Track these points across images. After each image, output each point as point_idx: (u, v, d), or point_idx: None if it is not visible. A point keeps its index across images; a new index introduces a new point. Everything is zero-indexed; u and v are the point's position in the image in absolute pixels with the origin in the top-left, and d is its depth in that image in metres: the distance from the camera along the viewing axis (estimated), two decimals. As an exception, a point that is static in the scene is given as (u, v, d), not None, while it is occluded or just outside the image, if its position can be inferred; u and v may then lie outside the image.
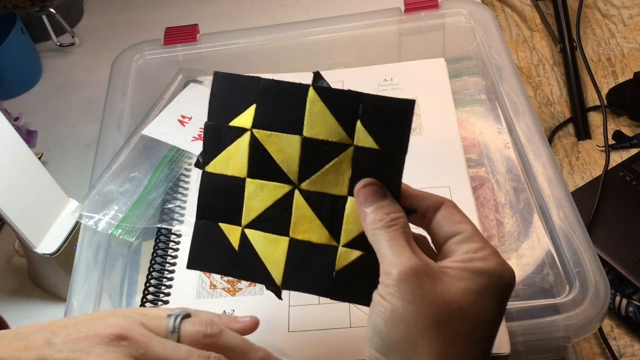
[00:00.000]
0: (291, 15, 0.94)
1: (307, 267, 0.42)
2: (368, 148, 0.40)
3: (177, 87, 0.71)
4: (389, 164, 0.40)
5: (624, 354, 0.62)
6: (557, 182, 0.55)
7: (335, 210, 0.42)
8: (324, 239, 0.42)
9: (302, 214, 0.42)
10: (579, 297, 0.48)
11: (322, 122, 0.41)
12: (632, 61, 0.87)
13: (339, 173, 0.41)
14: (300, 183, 0.42)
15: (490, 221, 0.55)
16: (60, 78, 0.93)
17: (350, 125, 0.40)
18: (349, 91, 0.40)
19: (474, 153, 0.60)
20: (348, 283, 0.41)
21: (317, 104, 0.41)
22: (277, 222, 0.43)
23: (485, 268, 0.36)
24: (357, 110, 0.40)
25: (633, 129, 0.80)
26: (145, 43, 0.76)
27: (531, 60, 0.90)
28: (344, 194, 0.41)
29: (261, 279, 0.43)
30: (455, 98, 0.63)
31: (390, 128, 0.40)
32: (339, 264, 0.41)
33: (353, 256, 0.41)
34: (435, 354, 0.34)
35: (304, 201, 0.42)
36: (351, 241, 0.41)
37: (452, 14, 0.72)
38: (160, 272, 0.52)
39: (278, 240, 0.43)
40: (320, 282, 0.42)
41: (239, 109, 0.43)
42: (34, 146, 0.84)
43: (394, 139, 0.40)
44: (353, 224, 0.41)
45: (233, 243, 0.44)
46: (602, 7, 0.94)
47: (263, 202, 0.43)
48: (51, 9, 0.91)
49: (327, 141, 0.41)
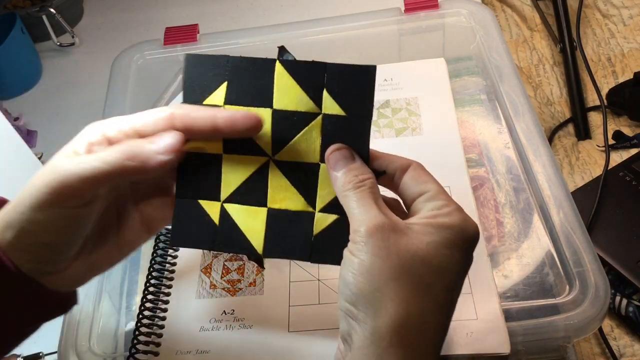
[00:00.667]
0: (291, 15, 0.94)
1: (287, 235, 0.44)
2: (335, 115, 0.43)
3: (177, 87, 0.71)
4: (356, 129, 0.43)
5: (624, 354, 0.62)
6: (557, 182, 0.55)
7: (309, 177, 0.44)
8: (301, 206, 0.44)
9: (278, 183, 0.44)
10: (579, 297, 0.48)
11: (290, 93, 0.43)
12: (632, 61, 0.87)
13: (310, 141, 0.43)
14: (274, 154, 0.44)
15: (490, 221, 0.55)
16: (60, 78, 0.93)
17: (317, 94, 0.43)
18: (313, 62, 0.43)
19: (474, 153, 0.60)
20: (326, 246, 0.43)
21: (284, 77, 0.43)
22: (255, 194, 0.44)
23: (449, 223, 0.38)
24: (322, 79, 0.43)
25: (633, 129, 0.80)
26: (145, 43, 0.76)
27: (531, 60, 0.90)
28: (316, 161, 0.43)
29: (243, 249, 0.45)
30: (455, 98, 0.63)
31: (355, 94, 0.43)
32: (317, 229, 0.44)
33: (329, 220, 0.43)
34: (399, 300, 0.36)
35: (279, 171, 0.44)
36: (326, 206, 0.43)
37: (452, 14, 0.72)
38: (160, 272, 0.52)
39: (257, 211, 0.44)
40: (299, 248, 0.44)
41: (211, 87, 0.44)
42: (34, 146, 0.84)
43: (359, 105, 0.43)
44: (327, 189, 0.43)
45: (213, 218, 0.45)
46: (602, 7, 0.94)
47: (240, 176, 0.44)
48: (51, 9, 0.91)
49: (297, 111, 0.43)
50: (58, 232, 0.39)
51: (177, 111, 0.41)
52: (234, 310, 0.50)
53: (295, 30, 0.73)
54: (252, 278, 0.52)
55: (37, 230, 0.39)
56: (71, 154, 0.40)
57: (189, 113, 0.41)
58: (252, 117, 0.42)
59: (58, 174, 0.38)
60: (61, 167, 0.38)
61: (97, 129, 0.41)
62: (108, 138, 0.41)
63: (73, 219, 0.39)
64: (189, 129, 0.41)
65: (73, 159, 0.39)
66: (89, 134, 0.41)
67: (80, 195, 0.39)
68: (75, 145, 0.40)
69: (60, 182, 0.38)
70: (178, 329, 0.49)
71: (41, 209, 0.38)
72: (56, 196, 0.38)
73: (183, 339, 0.48)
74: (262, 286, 0.51)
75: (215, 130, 0.41)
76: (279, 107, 0.43)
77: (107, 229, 0.44)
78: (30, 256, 0.39)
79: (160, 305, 0.51)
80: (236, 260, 0.53)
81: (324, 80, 0.43)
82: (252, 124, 0.42)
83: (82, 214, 0.40)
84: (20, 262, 0.39)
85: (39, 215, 0.38)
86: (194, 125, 0.41)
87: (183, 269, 0.53)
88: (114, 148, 0.39)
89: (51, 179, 0.38)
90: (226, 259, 0.53)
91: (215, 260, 0.53)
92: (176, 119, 0.41)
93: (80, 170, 0.38)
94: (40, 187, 0.38)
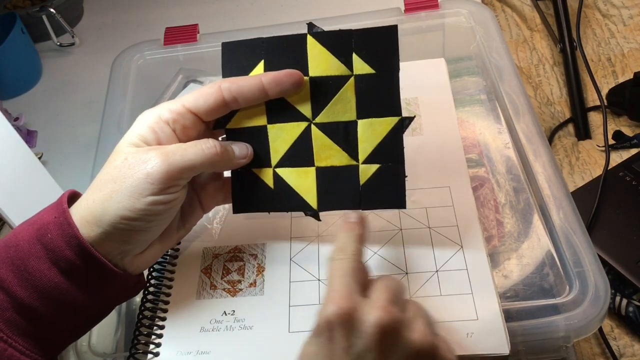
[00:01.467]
0: (291, 16, 0.94)
1: (336, 188, 0.48)
2: (366, 74, 0.47)
3: (177, 87, 0.71)
4: (386, 83, 0.47)
5: (624, 354, 0.62)
6: (557, 182, 0.55)
7: (349, 134, 0.48)
8: (345, 160, 0.48)
9: (321, 143, 0.48)
10: (579, 297, 0.48)
11: (323, 61, 0.47)
12: (632, 61, 0.87)
13: (345, 101, 0.48)
14: (314, 118, 0.48)
15: (490, 221, 0.55)
16: (60, 78, 0.93)
17: (348, 58, 0.47)
18: (340, 30, 0.47)
19: (474, 153, 0.60)
20: (373, 193, 0.48)
21: (316, 47, 0.47)
22: (302, 156, 0.49)
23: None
24: (350, 44, 0.47)
25: (633, 129, 0.80)
26: (145, 43, 0.76)
27: (531, 60, 0.90)
28: (354, 119, 0.48)
29: (300, 207, 0.49)
30: (455, 98, 0.63)
31: (381, 53, 0.47)
32: (362, 179, 0.48)
33: (372, 169, 0.48)
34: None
35: (321, 133, 0.48)
36: (368, 157, 0.48)
37: (452, 14, 0.72)
38: (161, 272, 0.52)
39: (306, 171, 0.49)
40: (350, 198, 0.48)
41: (249, 67, 0.48)
42: (34, 146, 0.84)
43: (386, 61, 0.47)
44: (366, 142, 0.48)
45: (268, 183, 0.50)
46: (602, 7, 0.94)
47: (286, 142, 0.49)
48: (51, 9, 0.91)
49: (331, 76, 0.47)
50: (154, 219, 0.44)
51: (224, 84, 0.46)
52: (234, 311, 0.50)
53: (296, 31, 0.73)
54: (253, 279, 0.52)
55: (135, 217, 0.43)
56: (137, 140, 0.45)
57: (236, 82, 0.46)
58: (294, 73, 0.46)
59: (159, 165, 0.43)
60: (164, 157, 0.43)
61: (152, 112, 0.46)
62: (165, 120, 0.45)
63: (169, 205, 0.44)
64: (238, 96, 0.46)
65: (175, 149, 0.44)
66: (146, 118, 0.46)
67: (180, 182, 0.44)
68: (138, 130, 0.45)
69: (165, 171, 0.43)
70: (178, 329, 0.49)
71: (141, 196, 0.42)
72: (158, 185, 0.43)
73: (183, 339, 0.48)
74: (262, 287, 0.51)
75: (262, 92, 0.46)
76: (315, 75, 0.47)
77: (178, 213, 0.49)
78: (122, 240, 0.44)
79: (160, 305, 0.51)
80: (236, 261, 0.53)
81: (352, 44, 0.47)
82: (295, 80, 0.46)
83: (177, 200, 0.45)
84: (108, 250, 0.44)
85: (137, 204, 0.42)
86: (243, 91, 0.46)
87: (183, 269, 0.53)
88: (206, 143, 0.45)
89: (154, 170, 0.43)
90: (226, 260, 0.53)
91: (216, 260, 0.53)
92: (224, 90, 0.46)
93: (182, 162, 0.44)
94: (140, 178, 0.42)
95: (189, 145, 0.45)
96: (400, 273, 0.50)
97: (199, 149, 0.45)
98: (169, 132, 0.46)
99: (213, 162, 0.45)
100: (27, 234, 0.43)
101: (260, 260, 0.53)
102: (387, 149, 0.48)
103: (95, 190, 0.44)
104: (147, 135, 0.45)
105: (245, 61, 0.48)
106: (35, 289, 0.42)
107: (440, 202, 0.54)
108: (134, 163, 0.43)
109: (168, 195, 0.44)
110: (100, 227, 0.43)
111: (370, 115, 0.48)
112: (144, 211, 0.43)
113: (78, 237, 0.43)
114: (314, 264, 0.52)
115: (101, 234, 0.43)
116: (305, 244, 0.53)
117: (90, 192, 0.44)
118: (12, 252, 0.43)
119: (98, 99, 0.87)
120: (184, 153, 0.44)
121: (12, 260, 0.43)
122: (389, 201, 0.48)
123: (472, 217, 0.53)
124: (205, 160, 0.45)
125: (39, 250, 0.43)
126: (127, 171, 0.43)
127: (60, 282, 0.43)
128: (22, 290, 0.42)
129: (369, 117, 0.48)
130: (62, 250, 0.43)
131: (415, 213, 0.54)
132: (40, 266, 0.42)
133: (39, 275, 0.42)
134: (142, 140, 0.45)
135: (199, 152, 0.44)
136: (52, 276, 0.43)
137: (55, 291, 0.43)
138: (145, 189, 0.43)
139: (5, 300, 0.42)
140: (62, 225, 0.43)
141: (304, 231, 0.54)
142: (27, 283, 0.42)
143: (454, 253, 0.50)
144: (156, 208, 0.43)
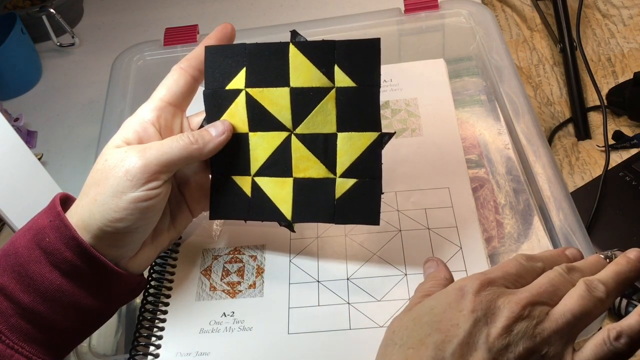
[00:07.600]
0: (291, 16, 0.94)
1: (312, 200, 0.48)
2: (347, 87, 0.47)
3: (177, 88, 0.71)
4: (367, 97, 0.46)
5: (624, 354, 0.62)
6: (556, 183, 0.55)
7: (328, 146, 0.48)
8: (323, 173, 0.48)
9: (300, 155, 0.48)
10: (579, 299, 0.48)
11: (305, 72, 0.47)
12: (632, 61, 0.87)
13: (326, 113, 0.47)
14: (295, 128, 0.48)
15: (490, 222, 0.55)
16: (60, 78, 0.93)
17: (330, 70, 0.47)
18: (323, 41, 0.47)
19: (474, 154, 0.60)
20: (348, 207, 0.47)
21: (298, 57, 0.47)
22: (281, 166, 0.49)
23: None
24: (333, 56, 0.46)
25: (633, 129, 0.80)
26: (145, 43, 0.76)
27: (531, 60, 0.90)
28: (334, 131, 0.47)
29: (274, 217, 0.49)
30: (455, 99, 0.63)
31: (363, 66, 0.46)
32: (338, 192, 0.48)
33: (349, 184, 0.47)
34: None
35: (301, 143, 0.48)
36: (346, 171, 0.47)
37: (452, 14, 0.72)
38: (161, 273, 0.52)
39: (284, 181, 0.49)
40: (324, 211, 0.48)
41: (231, 74, 0.48)
42: (34, 147, 0.84)
43: (367, 75, 0.46)
44: (345, 156, 0.47)
45: (246, 191, 0.50)
46: (602, 7, 0.94)
47: (266, 151, 0.49)
48: (51, 9, 0.91)
49: (312, 87, 0.47)
50: (140, 217, 0.44)
51: (182, 64, 0.49)
52: (233, 312, 0.50)
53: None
54: (252, 280, 0.52)
55: (120, 217, 0.43)
56: (120, 143, 0.46)
57: (188, 57, 0.49)
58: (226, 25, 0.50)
59: (135, 161, 0.44)
60: (141, 153, 0.44)
61: (136, 117, 0.47)
62: (149, 120, 0.47)
63: (153, 201, 0.44)
64: (197, 65, 0.49)
65: (152, 145, 0.45)
66: (131, 123, 0.47)
67: (160, 177, 0.45)
68: (123, 134, 0.46)
69: (142, 165, 0.44)
70: (178, 330, 0.49)
71: (123, 194, 0.43)
72: (137, 181, 0.43)
73: (183, 341, 0.49)
74: (261, 288, 0.51)
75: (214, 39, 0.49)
76: (296, 85, 0.47)
77: (166, 213, 0.50)
78: (113, 244, 0.45)
79: (160, 307, 0.51)
80: (236, 263, 0.53)
81: (334, 56, 0.46)
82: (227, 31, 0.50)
83: (160, 196, 0.45)
84: (105, 252, 0.44)
85: (121, 203, 0.43)
86: (199, 58, 0.49)
87: (183, 271, 0.53)
88: (181, 135, 0.46)
89: (131, 167, 0.43)
90: (226, 261, 0.53)
91: (215, 262, 0.53)
92: (186, 68, 0.49)
93: (158, 154, 0.44)
94: (119, 176, 0.43)
95: (166, 139, 0.46)
96: (400, 274, 0.50)
97: (174, 140, 0.46)
98: (153, 132, 0.47)
99: (190, 151, 0.46)
100: (24, 240, 0.43)
101: (259, 261, 0.53)
102: (365, 164, 0.47)
103: (83, 196, 0.45)
104: (131, 137, 0.46)
105: (228, 67, 0.48)
106: (38, 293, 0.43)
107: (440, 203, 0.54)
108: (113, 163, 0.44)
109: (150, 192, 0.44)
110: (89, 232, 0.44)
111: (350, 129, 0.47)
112: (128, 210, 0.43)
113: (76, 238, 0.43)
114: (314, 266, 0.52)
115: (91, 239, 0.44)
116: (304, 245, 0.53)
117: (79, 199, 0.45)
118: (11, 260, 0.43)
119: (98, 100, 0.87)
120: (160, 147, 0.45)
121: (12, 268, 0.43)
122: (362, 217, 0.47)
123: (471, 218, 0.53)
124: (182, 150, 0.45)
125: (38, 255, 0.43)
126: (108, 172, 0.44)
127: (62, 284, 0.43)
128: (25, 296, 0.42)
129: (349, 131, 0.47)
130: (62, 252, 0.43)
131: (414, 214, 0.54)
132: (41, 270, 0.43)
133: (40, 279, 0.43)
134: (126, 143, 0.46)
135: (174, 144, 0.45)
136: (54, 279, 0.43)
137: (57, 293, 0.43)
138: (125, 186, 0.43)
139: (9, 307, 0.42)
140: (59, 227, 0.43)
141: (303, 233, 0.54)
142: (30, 288, 0.43)
143: (454, 254, 0.50)
144: (140, 205, 0.44)
